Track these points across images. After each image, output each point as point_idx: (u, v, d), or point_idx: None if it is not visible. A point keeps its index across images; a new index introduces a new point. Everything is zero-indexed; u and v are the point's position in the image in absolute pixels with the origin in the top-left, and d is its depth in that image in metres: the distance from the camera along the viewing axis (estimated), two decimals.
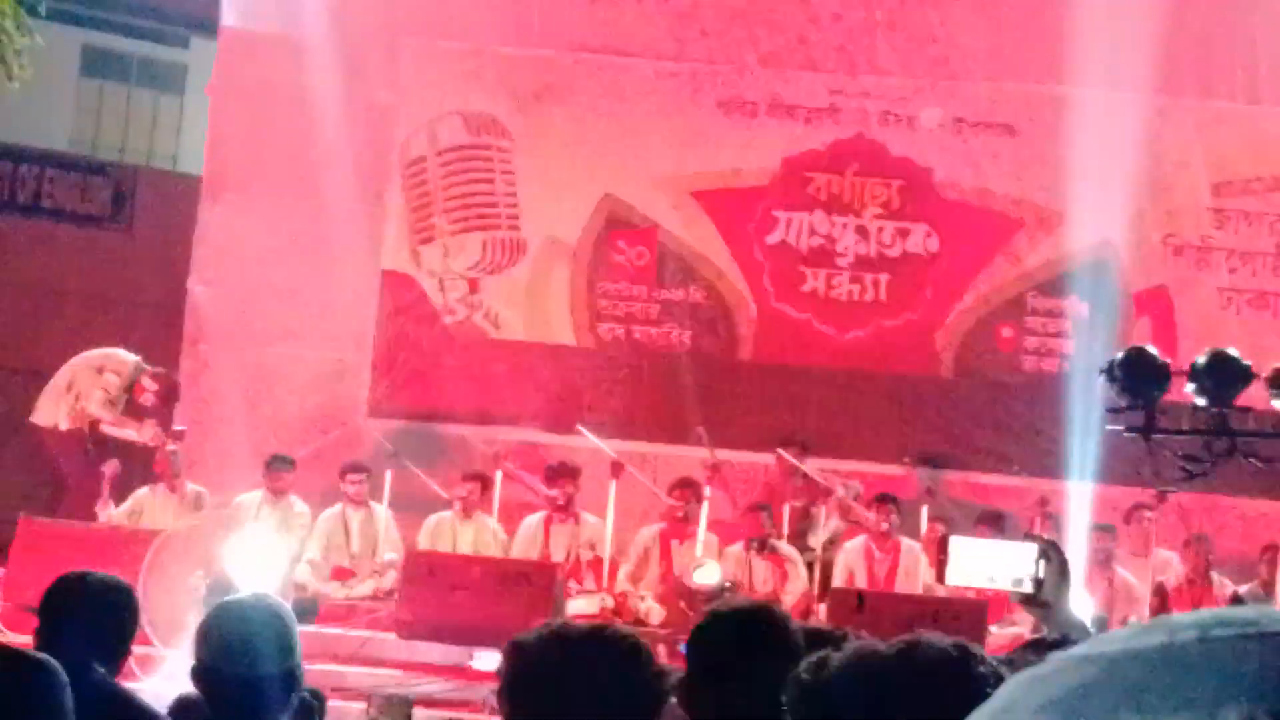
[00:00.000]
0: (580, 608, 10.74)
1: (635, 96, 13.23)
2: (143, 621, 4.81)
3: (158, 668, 7.93)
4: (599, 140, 13.14)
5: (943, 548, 3.30)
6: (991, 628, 10.05)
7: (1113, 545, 11.20)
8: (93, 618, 4.00)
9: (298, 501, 11.62)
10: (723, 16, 13.39)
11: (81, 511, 10.93)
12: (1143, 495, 11.05)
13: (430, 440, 13.01)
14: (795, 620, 3.44)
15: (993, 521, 11.01)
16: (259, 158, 13.38)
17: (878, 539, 11.20)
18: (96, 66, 18.44)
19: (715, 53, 13.40)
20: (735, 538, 11.25)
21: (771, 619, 3.35)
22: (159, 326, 13.56)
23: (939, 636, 2.03)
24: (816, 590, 11.06)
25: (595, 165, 13.16)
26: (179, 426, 11.65)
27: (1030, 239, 13.19)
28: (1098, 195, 12.52)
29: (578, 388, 13.27)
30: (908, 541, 11.25)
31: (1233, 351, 7.37)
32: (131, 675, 5.91)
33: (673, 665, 2.97)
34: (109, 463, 11.31)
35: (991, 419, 13.10)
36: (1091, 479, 11.23)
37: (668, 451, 12.74)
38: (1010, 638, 8.89)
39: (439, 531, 11.62)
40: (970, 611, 9.93)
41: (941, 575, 3.34)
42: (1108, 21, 12.37)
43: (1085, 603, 9.94)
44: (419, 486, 11.80)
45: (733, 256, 13.38)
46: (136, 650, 4.56)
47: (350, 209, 13.23)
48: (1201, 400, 7.25)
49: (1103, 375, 7.49)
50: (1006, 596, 3.46)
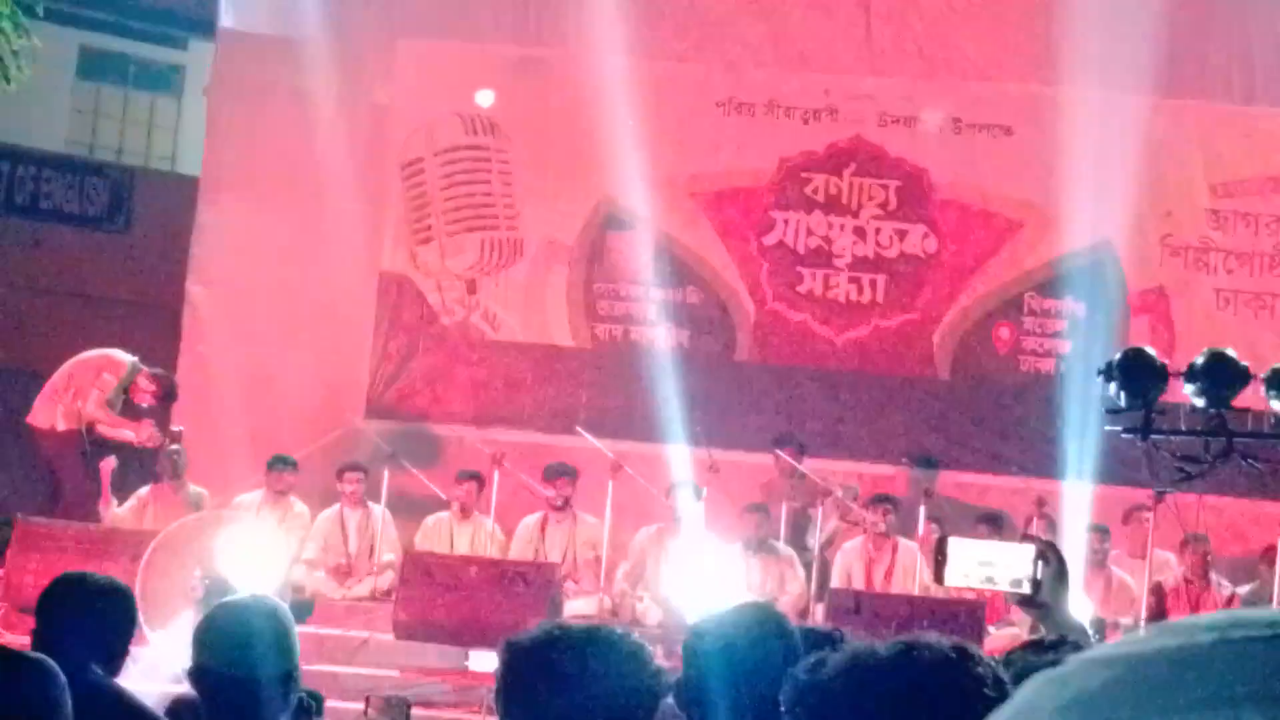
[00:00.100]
0: (578, 608, 10.75)
1: (634, 97, 13.22)
2: (140, 622, 4.80)
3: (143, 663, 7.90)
4: (596, 141, 13.13)
5: (940, 549, 3.30)
6: (989, 628, 10.05)
7: (1108, 546, 11.20)
8: (91, 618, 4.00)
9: (297, 502, 11.62)
10: (721, 17, 13.38)
11: (78, 512, 10.92)
12: (1140, 496, 11.04)
13: (428, 441, 13.01)
14: (792, 621, 3.44)
15: (991, 522, 11.01)
16: (257, 159, 13.37)
17: (875, 539, 11.20)
18: (94, 67, 18.41)
19: (713, 53, 13.39)
20: (733, 538, 11.25)
21: (769, 619, 3.35)
22: (156, 327, 13.55)
23: (937, 637, 2.03)
24: (814, 590, 11.06)
25: (593, 166, 13.14)
26: (176, 427, 11.64)
27: (1028, 239, 13.18)
28: (1095, 196, 12.51)
29: (575, 388, 13.26)
30: (905, 542, 11.25)
31: (1230, 352, 7.37)
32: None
33: (670, 666, 2.96)
34: (106, 459, 11.31)
35: (989, 419, 13.10)
36: (1089, 479, 11.23)
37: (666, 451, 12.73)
38: (1008, 639, 8.88)
39: (436, 532, 11.62)
40: (968, 612, 9.95)
41: (939, 576, 3.34)
42: (1105, 22, 12.37)
43: (1083, 604, 9.94)
44: (417, 487, 11.80)
45: (730, 257, 13.37)
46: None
47: (348, 210, 13.22)
48: (1199, 401, 7.25)
49: (1100, 376, 7.50)
50: (1004, 597, 3.46)
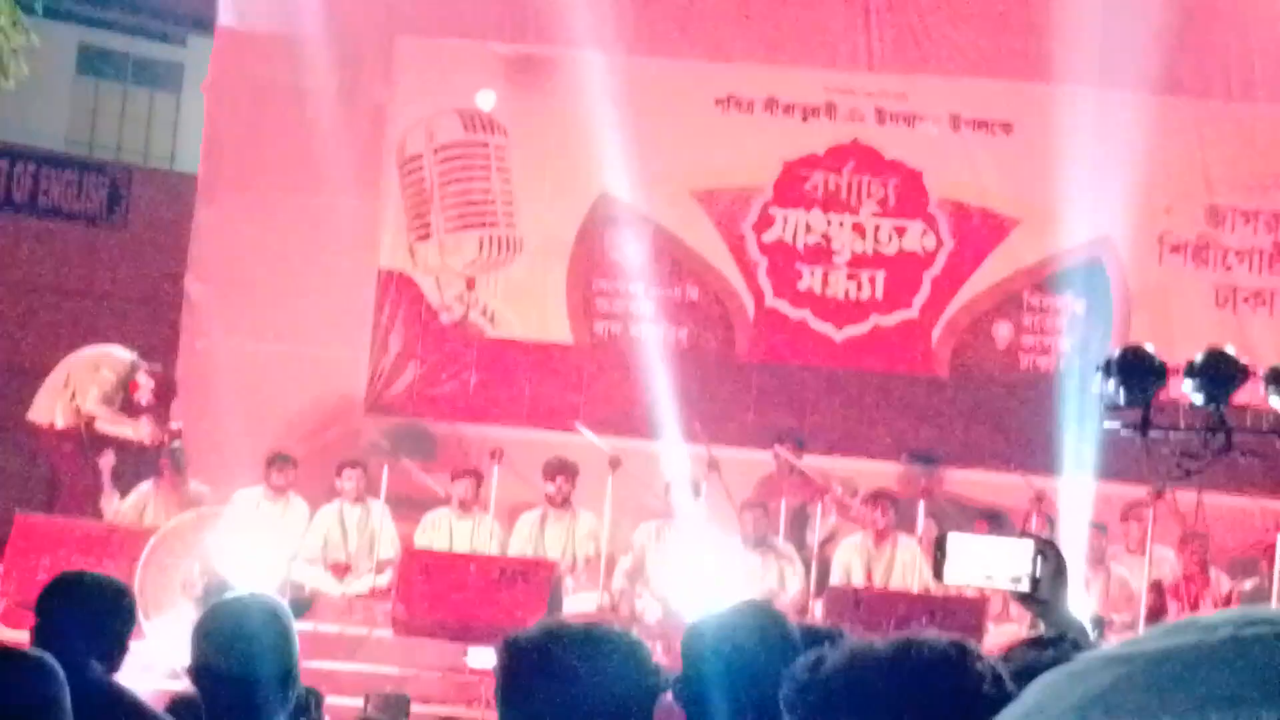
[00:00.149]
0: (577, 605, 10.74)
1: (633, 94, 13.21)
2: (139, 618, 4.80)
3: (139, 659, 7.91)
4: (596, 137, 13.11)
5: (940, 546, 3.30)
6: (989, 625, 10.05)
7: (1105, 543, 11.20)
8: (90, 616, 4.00)
9: (296, 498, 11.62)
10: (720, 14, 13.38)
11: (77, 508, 10.92)
12: (1139, 493, 11.04)
13: (427, 437, 13.01)
14: (791, 618, 3.44)
15: (990, 520, 11.01)
16: (255, 155, 13.37)
17: (874, 537, 11.20)
18: (92, 65, 18.41)
19: (712, 51, 13.39)
20: (732, 535, 11.24)
21: (768, 617, 3.35)
22: (155, 324, 13.56)
23: (936, 635, 2.03)
24: (813, 588, 11.06)
25: (592, 162, 13.12)
26: (175, 423, 11.64)
27: (1027, 237, 13.18)
28: (1094, 193, 12.52)
29: (574, 385, 13.26)
30: (904, 539, 11.24)
31: (1229, 350, 7.38)
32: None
33: (669, 663, 2.96)
34: (104, 456, 11.31)
35: (988, 416, 13.09)
36: (1088, 476, 11.22)
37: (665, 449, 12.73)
38: (1008, 636, 8.88)
39: (435, 528, 11.61)
40: (967, 609, 9.94)
41: (939, 573, 3.35)
42: (1104, 19, 12.37)
43: (1082, 601, 9.94)
44: (415, 484, 11.79)
45: (729, 254, 13.37)
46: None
47: (347, 206, 13.22)
48: (1198, 398, 7.26)
49: (1099, 373, 7.50)
50: (1004, 594, 3.46)
